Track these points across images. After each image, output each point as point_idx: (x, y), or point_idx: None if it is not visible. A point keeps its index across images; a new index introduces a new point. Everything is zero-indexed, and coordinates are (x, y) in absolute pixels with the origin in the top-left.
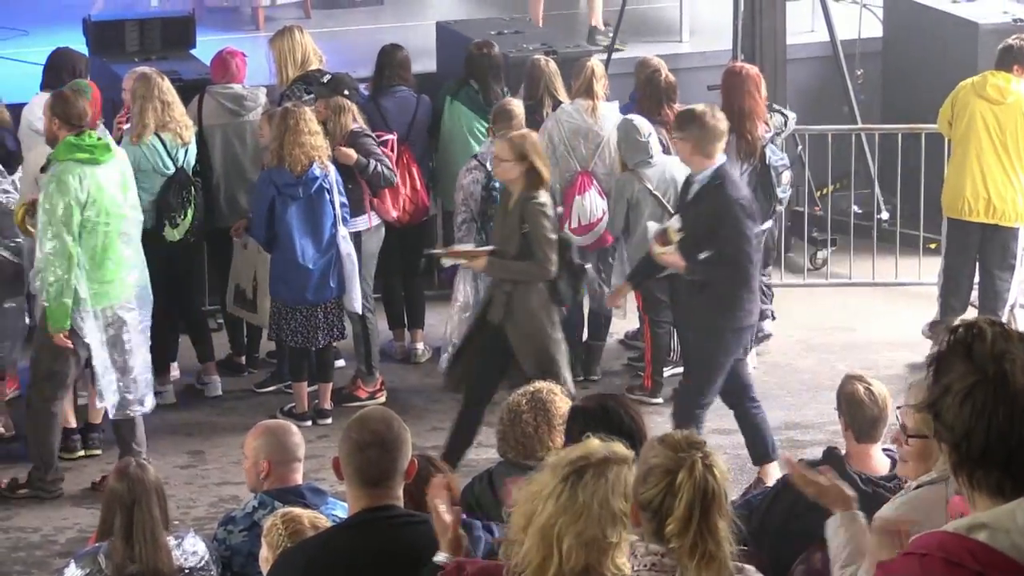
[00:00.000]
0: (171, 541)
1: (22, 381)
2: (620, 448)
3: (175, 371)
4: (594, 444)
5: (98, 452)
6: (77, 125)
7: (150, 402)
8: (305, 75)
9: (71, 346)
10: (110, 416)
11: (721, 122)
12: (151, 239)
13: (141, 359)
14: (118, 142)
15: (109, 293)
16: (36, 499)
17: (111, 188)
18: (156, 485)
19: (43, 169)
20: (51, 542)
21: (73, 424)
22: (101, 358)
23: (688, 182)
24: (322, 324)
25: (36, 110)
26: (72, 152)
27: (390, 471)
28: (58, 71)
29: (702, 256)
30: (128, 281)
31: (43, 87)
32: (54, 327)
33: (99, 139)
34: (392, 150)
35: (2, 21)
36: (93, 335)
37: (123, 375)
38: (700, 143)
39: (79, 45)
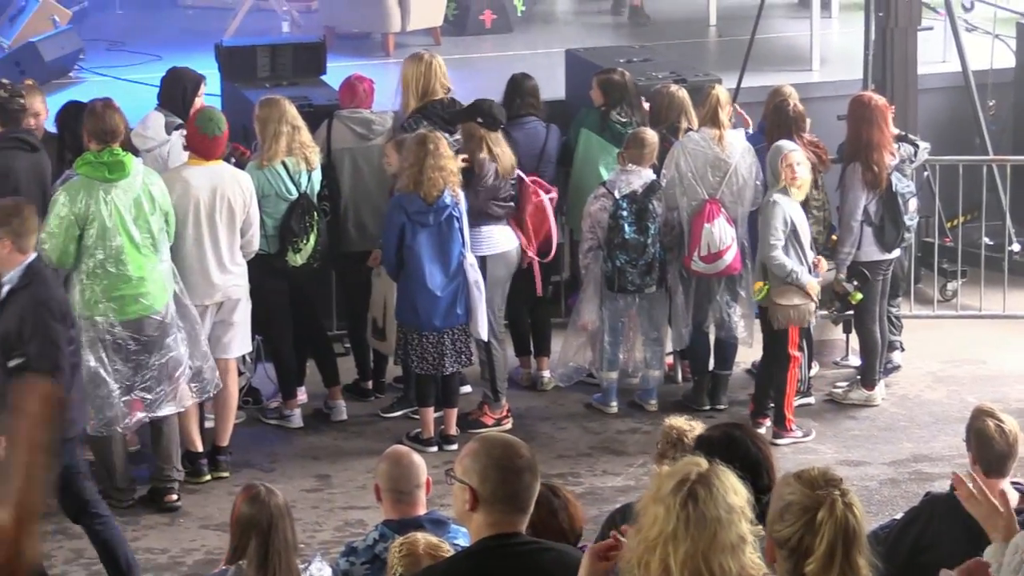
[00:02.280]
0: (298, 565)
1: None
2: (694, 457)
3: (302, 395)
4: (671, 468)
5: (226, 475)
6: (104, 141)
7: (165, 410)
8: (424, 106)
9: None
10: (88, 431)
11: (32, 216)
12: (275, 264)
13: (143, 379)
14: (242, 167)
15: (104, 312)
16: (167, 522)
17: (119, 208)
18: (287, 509)
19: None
20: (178, 563)
21: (200, 448)
22: (91, 372)
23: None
24: (449, 350)
25: (146, 121)
26: (86, 168)
27: (533, 498)
28: (167, 89)
29: (12, 363)
30: (132, 303)
31: (160, 104)
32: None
33: (120, 156)
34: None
35: (139, 47)
36: (86, 349)
37: (123, 391)
38: (18, 240)
39: (212, 71)
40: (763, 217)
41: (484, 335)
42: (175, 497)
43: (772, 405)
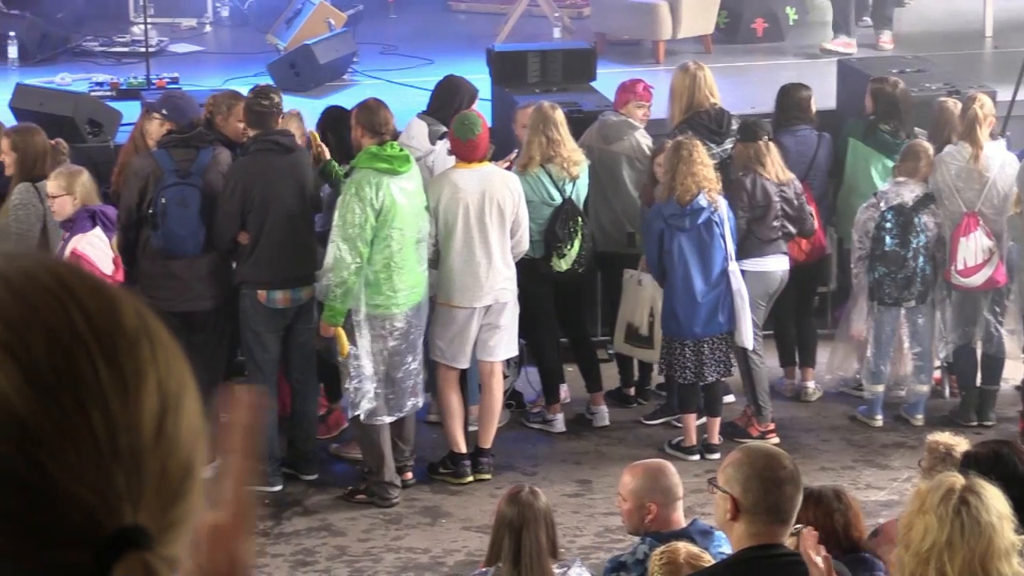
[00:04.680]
0: (556, 570)
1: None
2: (950, 473)
3: (564, 393)
4: (929, 483)
5: (487, 477)
6: (380, 134)
7: (410, 407)
8: (690, 118)
9: (334, 335)
10: (348, 416)
11: None
12: (540, 269)
13: (410, 367)
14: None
15: (391, 303)
16: (428, 522)
17: (407, 200)
18: (545, 512)
19: (345, 175)
20: (439, 564)
21: (463, 449)
22: (365, 366)
23: None
24: (708, 359)
25: (410, 130)
26: (372, 161)
27: (796, 509)
28: (441, 97)
29: None
30: (412, 292)
31: (427, 111)
32: (327, 320)
33: (400, 150)
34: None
35: (411, 51)
36: (364, 344)
37: (387, 384)
38: None
39: (483, 75)
40: None
41: (749, 344)
42: (410, 475)
43: None
